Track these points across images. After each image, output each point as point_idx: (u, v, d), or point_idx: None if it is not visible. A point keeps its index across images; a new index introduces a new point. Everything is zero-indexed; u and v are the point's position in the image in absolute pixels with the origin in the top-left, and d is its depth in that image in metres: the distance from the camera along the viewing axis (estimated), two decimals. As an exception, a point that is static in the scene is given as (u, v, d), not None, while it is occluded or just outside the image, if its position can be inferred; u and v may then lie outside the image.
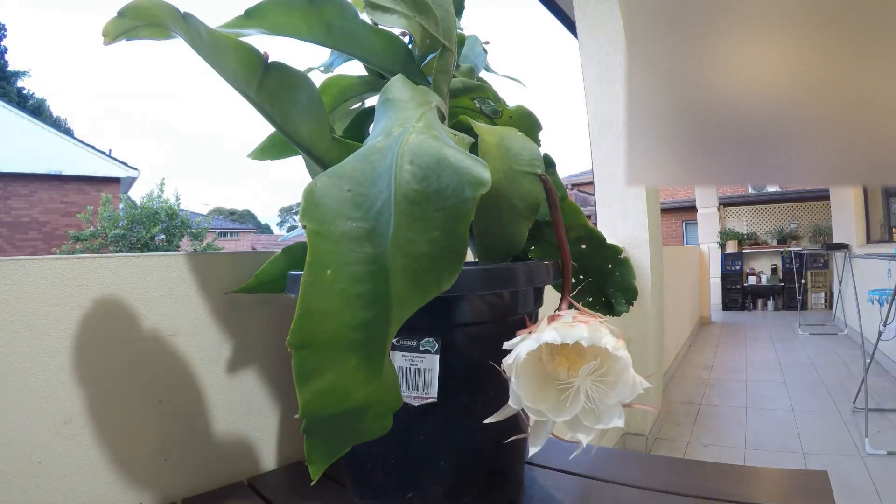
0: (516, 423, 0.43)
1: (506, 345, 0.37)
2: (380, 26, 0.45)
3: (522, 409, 0.37)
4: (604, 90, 2.27)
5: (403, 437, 0.42)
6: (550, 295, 0.49)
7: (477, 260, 0.46)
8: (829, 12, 0.19)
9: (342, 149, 0.41)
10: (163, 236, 9.30)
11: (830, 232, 6.78)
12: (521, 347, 0.36)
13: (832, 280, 6.55)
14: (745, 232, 7.95)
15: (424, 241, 0.32)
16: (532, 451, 0.38)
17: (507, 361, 0.36)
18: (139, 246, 8.89)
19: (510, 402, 0.37)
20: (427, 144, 0.33)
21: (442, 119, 0.43)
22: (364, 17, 0.44)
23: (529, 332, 0.37)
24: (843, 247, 5.00)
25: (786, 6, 0.19)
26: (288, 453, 0.62)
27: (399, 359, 0.41)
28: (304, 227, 0.31)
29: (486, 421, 0.38)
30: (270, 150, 0.56)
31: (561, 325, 0.36)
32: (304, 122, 0.40)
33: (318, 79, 0.52)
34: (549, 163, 0.52)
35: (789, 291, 7.04)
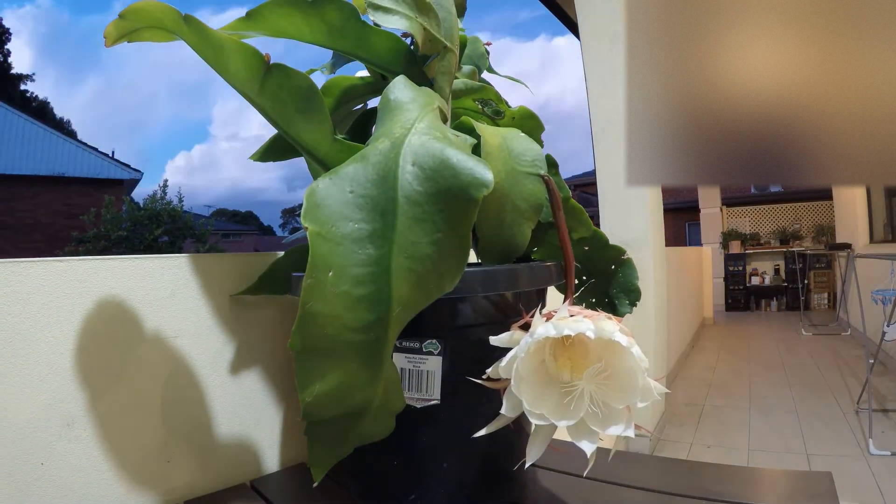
0: (519, 425, 0.43)
1: (492, 340, 0.37)
2: (381, 27, 0.45)
3: (522, 414, 0.36)
4: (606, 91, 2.26)
5: (406, 439, 0.42)
6: (555, 297, 0.49)
7: (480, 261, 0.46)
8: (831, 13, 0.19)
9: (344, 150, 0.41)
10: (166, 238, 9.31)
11: (833, 232, 6.76)
12: (518, 348, 0.35)
13: (835, 280, 6.53)
14: (747, 232, 7.92)
15: (427, 243, 0.32)
16: (528, 462, 0.37)
17: (501, 364, 0.36)
18: (143, 248, 8.91)
19: (503, 411, 0.36)
20: (429, 145, 0.33)
21: (444, 120, 0.43)
22: (366, 18, 0.44)
23: (521, 328, 0.37)
24: (846, 247, 4.98)
25: (787, 7, 0.19)
26: (291, 455, 0.61)
27: (402, 360, 0.41)
28: (306, 228, 0.31)
29: (476, 435, 0.37)
30: (273, 151, 0.55)
31: (558, 319, 0.35)
32: (306, 123, 0.40)
33: (319, 80, 0.52)
34: (551, 164, 0.52)
35: (792, 292, 7.01)
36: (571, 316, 0.35)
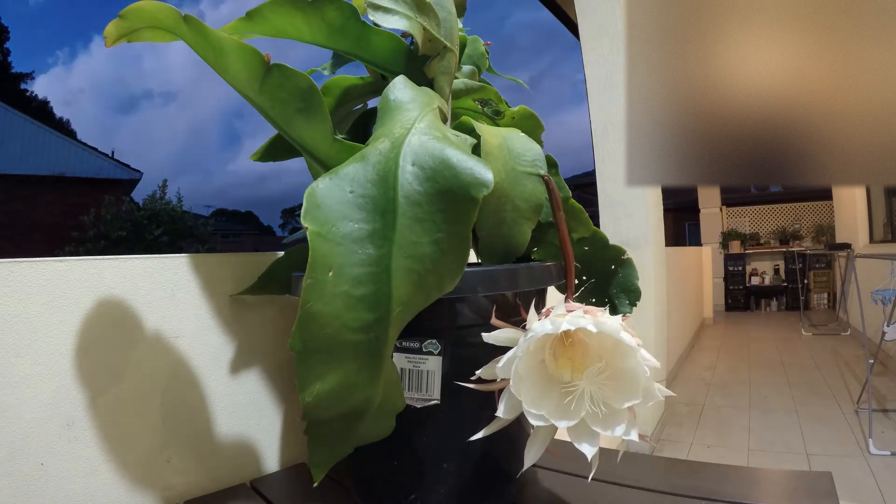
0: (520, 425, 0.43)
1: (485, 337, 0.36)
2: (381, 27, 0.45)
3: (522, 413, 0.36)
4: (606, 91, 2.27)
5: (406, 439, 0.42)
6: (555, 297, 0.49)
7: (480, 261, 0.46)
8: (831, 13, 0.19)
9: (344, 150, 0.41)
10: (166, 238, 9.33)
11: (833, 232, 6.76)
12: (517, 348, 0.35)
13: (835, 280, 6.53)
14: (747, 232, 7.92)
15: (427, 243, 0.32)
16: (526, 464, 0.36)
17: (500, 364, 0.36)
18: (142, 248, 8.91)
19: (499, 413, 0.36)
20: (429, 145, 0.33)
21: (444, 120, 0.43)
22: (366, 18, 0.44)
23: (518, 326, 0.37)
24: (846, 247, 4.98)
25: (787, 7, 0.19)
26: (291, 455, 0.61)
27: (402, 360, 0.41)
28: (306, 228, 0.31)
29: (473, 438, 0.37)
30: (273, 152, 0.55)
31: (555, 316, 0.35)
32: (306, 123, 0.40)
33: (319, 80, 0.52)
34: (551, 164, 0.52)
35: (792, 292, 7.01)
36: (570, 312, 0.35)
